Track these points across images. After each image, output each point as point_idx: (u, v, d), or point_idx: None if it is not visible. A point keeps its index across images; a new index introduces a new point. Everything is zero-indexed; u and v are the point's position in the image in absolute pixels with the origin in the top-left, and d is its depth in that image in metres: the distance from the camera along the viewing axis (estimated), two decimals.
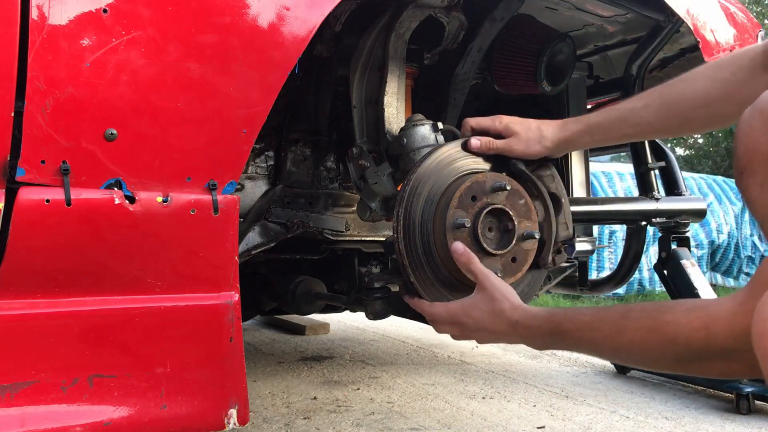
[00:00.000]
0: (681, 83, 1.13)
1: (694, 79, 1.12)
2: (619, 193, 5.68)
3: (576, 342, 0.94)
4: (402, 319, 2.51)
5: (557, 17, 1.79)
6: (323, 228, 1.74)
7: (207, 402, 1.06)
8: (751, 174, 0.90)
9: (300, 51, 1.10)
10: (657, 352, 0.83)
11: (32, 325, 0.96)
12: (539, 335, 1.00)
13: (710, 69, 1.12)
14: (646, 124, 1.17)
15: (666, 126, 1.17)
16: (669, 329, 0.80)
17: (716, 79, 1.09)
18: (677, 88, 1.14)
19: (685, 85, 1.13)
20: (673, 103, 1.14)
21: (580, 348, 0.96)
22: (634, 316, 0.86)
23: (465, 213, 1.19)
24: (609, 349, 0.90)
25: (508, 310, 1.06)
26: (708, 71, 1.12)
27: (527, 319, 1.03)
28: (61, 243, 0.96)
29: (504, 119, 1.24)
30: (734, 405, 1.98)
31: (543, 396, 2.14)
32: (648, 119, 1.16)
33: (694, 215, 2.13)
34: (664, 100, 1.14)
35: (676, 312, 0.81)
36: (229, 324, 1.08)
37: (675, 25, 1.76)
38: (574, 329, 0.94)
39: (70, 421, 0.97)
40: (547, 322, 0.99)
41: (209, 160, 1.05)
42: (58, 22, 0.93)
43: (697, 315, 0.78)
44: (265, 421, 1.81)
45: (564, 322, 0.96)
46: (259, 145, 1.73)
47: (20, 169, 0.92)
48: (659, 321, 0.82)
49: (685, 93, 1.12)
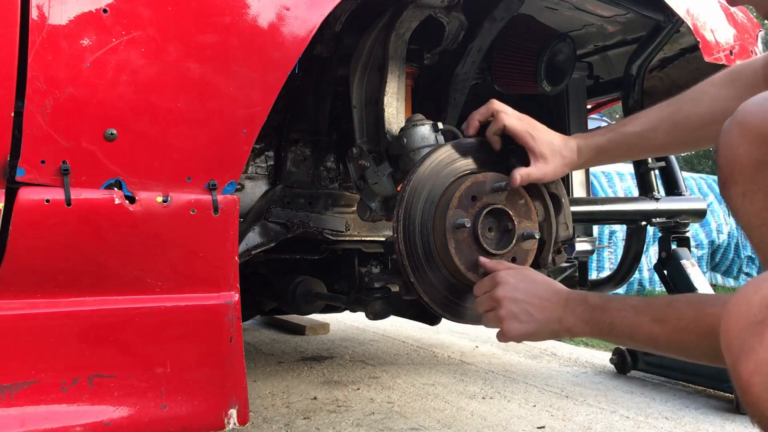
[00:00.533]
0: (689, 104, 1.16)
1: (700, 98, 1.15)
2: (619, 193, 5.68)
3: (615, 321, 0.95)
4: (402, 319, 2.51)
5: (557, 17, 1.79)
6: (323, 228, 1.74)
7: (207, 402, 1.06)
8: (733, 184, 0.92)
9: (300, 51, 1.10)
10: (694, 343, 0.84)
11: (32, 325, 0.96)
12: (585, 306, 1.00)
13: (714, 87, 1.15)
14: (656, 146, 1.21)
15: (675, 145, 1.21)
16: (708, 321, 0.81)
17: (720, 97, 1.13)
18: (685, 109, 1.16)
19: (693, 105, 1.16)
20: (682, 124, 1.17)
21: (615, 330, 0.95)
22: (678, 306, 0.87)
23: (465, 213, 1.19)
24: (646, 335, 0.91)
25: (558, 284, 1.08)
26: (713, 89, 1.15)
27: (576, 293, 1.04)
28: (61, 243, 0.96)
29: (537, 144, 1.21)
30: (734, 405, 1.98)
31: (543, 396, 2.14)
32: (659, 141, 1.19)
33: (694, 215, 2.13)
34: (673, 122, 1.17)
35: (716, 305, 0.82)
36: (229, 324, 1.08)
37: (675, 25, 1.76)
38: (619, 308, 0.95)
39: (70, 421, 0.97)
40: (594, 295, 1.01)
41: (209, 160, 1.05)
42: (58, 22, 0.93)
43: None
44: (265, 421, 1.81)
45: (611, 300, 0.98)
46: (259, 145, 1.73)
47: (20, 169, 0.92)
48: (701, 312, 0.83)
49: (692, 114, 1.15)
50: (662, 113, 1.18)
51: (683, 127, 1.17)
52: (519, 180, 1.19)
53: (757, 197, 0.92)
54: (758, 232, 0.98)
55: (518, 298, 1.07)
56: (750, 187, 0.93)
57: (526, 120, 1.23)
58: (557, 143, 1.21)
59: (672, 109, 1.18)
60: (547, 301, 1.05)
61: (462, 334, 3.29)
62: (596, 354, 2.91)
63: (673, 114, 1.17)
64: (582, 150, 1.22)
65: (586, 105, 2.17)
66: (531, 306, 1.06)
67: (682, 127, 1.17)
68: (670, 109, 1.18)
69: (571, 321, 1.02)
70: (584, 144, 1.22)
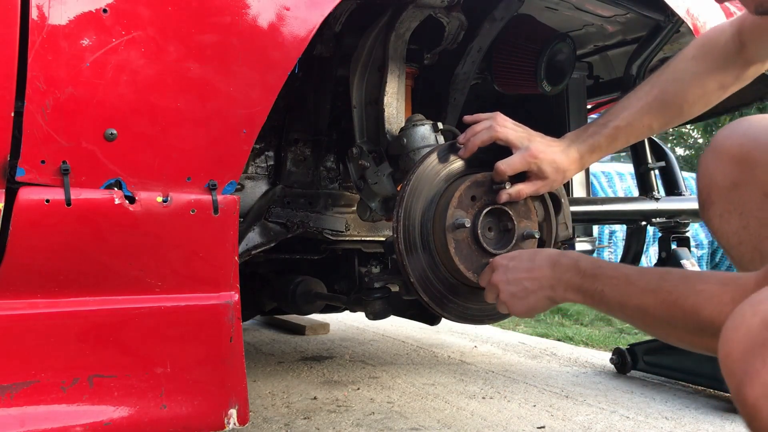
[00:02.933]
0: (673, 84, 1.19)
1: (682, 77, 1.18)
2: (619, 193, 5.68)
3: (606, 290, 0.91)
4: (402, 319, 2.51)
5: (557, 17, 1.79)
6: (323, 228, 1.74)
7: (207, 402, 1.06)
8: (710, 206, 0.94)
9: (300, 51, 1.10)
10: (680, 319, 0.81)
11: (32, 325, 0.96)
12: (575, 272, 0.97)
13: (690, 62, 1.19)
14: (649, 130, 1.22)
15: (668, 124, 1.23)
16: (698, 299, 0.78)
17: (699, 69, 1.17)
18: (671, 89, 1.19)
19: (677, 84, 1.18)
20: (672, 103, 1.19)
21: (605, 299, 0.91)
22: (670, 278, 0.84)
23: (465, 213, 1.19)
24: (636, 306, 0.87)
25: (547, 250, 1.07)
26: (691, 65, 1.18)
27: (567, 257, 1.00)
28: (61, 243, 0.96)
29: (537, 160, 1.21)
30: (734, 405, 1.98)
31: (543, 396, 2.14)
32: (651, 125, 1.21)
33: (694, 215, 2.13)
34: (663, 103, 1.19)
35: (710, 282, 0.79)
36: (229, 324, 1.08)
37: (675, 25, 1.76)
38: (612, 275, 0.91)
39: (70, 421, 0.97)
40: (587, 260, 0.97)
41: (209, 160, 1.05)
42: (58, 22, 0.93)
43: (727, 289, 0.76)
44: (265, 421, 1.81)
45: (605, 265, 0.94)
46: (259, 145, 1.73)
47: (20, 169, 0.92)
48: (692, 288, 0.80)
49: (679, 92, 1.18)
50: (648, 98, 1.20)
51: (671, 107, 1.19)
52: (504, 199, 1.20)
53: (732, 217, 0.94)
54: (736, 251, 1.00)
55: (512, 278, 1.06)
56: (726, 208, 0.95)
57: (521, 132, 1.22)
58: (560, 161, 1.21)
59: (657, 91, 1.19)
60: (537, 270, 1.03)
61: (462, 334, 3.29)
62: (596, 354, 2.91)
63: (659, 97, 1.19)
64: (584, 157, 1.23)
65: (586, 105, 2.17)
66: (526, 281, 1.04)
67: (670, 107, 1.19)
68: (654, 92, 1.19)
69: (561, 289, 0.99)
70: (585, 149, 1.23)
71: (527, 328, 3.69)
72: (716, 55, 1.15)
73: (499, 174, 1.20)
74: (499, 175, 1.20)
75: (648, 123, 1.20)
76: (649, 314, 0.86)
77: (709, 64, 1.15)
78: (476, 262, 1.19)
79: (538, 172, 1.20)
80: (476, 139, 1.22)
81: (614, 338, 3.41)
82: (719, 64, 1.15)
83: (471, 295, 1.24)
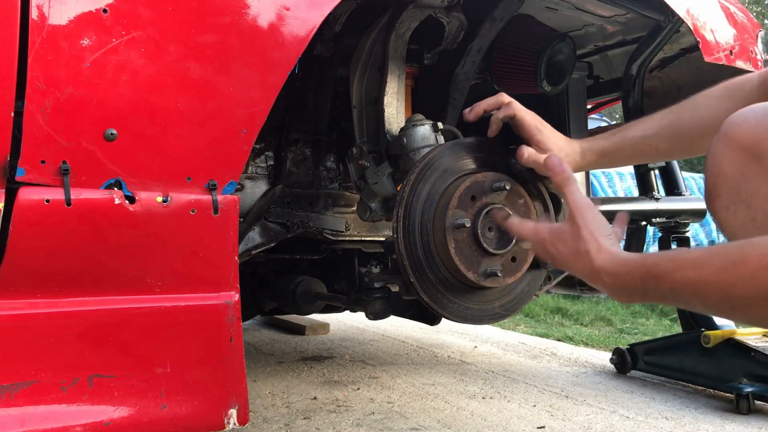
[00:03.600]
0: (688, 113, 1.18)
1: (699, 109, 1.17)
2: (619, 193, 5.68)
3: (674, 287, 0.79)
4: (402, 319, 2.51)
5: (557, 17, 1.79)
6: (323, 228, 1.74)
7: (207, 402, 1.06)
8: (717, 197, 0.92)
9: (300, 51, 1.10)
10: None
11: (32, 325, 0.96)
12: (628, 283, 0.86)
13: (713, 99, 1.17)
14: (657, 152, 1.22)
15: (674, 152, 1.23)
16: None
17: (719, 109, 1.14)
18: (685, 118, 1.18)
19: (692, 114, 1.17)
20: (682, 132, 1.18)
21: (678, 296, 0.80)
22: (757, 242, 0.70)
23: (465, 213, 1.19)
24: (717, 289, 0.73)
25: (593, 251, 0.92)
26: (711, 101, 1.17)
27: (614, 265, 0.89)
28: (61, 243, 0.96)
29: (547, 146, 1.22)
30: (734, 405, 1.98)
31: (543, 396, 2.14)
32: (659, 148, 1.20)
33: (694, 215, 2.13)
34: (673, 129, 1.19)
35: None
36: (229, 324, 1.08)
37: (675, 25, 1.76)
38: (673, 269, 0.79)
39: (70, 421, 0.97)
40: (639, 267, 0.85)
41: (209, 160, 1.05)
42: (58, 22, 0.93)
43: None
44: (265, 421, 1.81)
45: (661, 262, 0.82)
46: (259, 145, 1.73)
47: (20, 169, 0.92)
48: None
49: (692, 123, 1.17)
50: (663, 120, 1.20)
51: (683, 136, 1.18)
52: (526, 155, 1.20)
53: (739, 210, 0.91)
54: None
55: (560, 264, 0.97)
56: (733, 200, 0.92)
57: (535, 116, 1.24)
58: (562, 143, 1.22)
59: (672, 117, 1.19)
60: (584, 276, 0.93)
61: (462, 334, 3.29)
62: (596, 354, 2.91)
63: (673, 122, 1.19)
64: (585, 153, 1.23)
65: (586, 105, 2.17)
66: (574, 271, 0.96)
67: (681, 136, 1.18)
68: (670, 117, 1.20)
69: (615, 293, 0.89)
70: (588, 147, 1.23)
71: (527, 328, 3.69)
72: (739, 99, 1.13)
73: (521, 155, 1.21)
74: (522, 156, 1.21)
75: (656, 144, 1.20)
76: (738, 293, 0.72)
77: (730, 105, 1.13)
78: (476, 262, 1.19)
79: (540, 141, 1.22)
80: (482, 102, 1.24)
81: (614, 338, 3.41)
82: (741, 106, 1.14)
83: (471, 295, 1.24)
